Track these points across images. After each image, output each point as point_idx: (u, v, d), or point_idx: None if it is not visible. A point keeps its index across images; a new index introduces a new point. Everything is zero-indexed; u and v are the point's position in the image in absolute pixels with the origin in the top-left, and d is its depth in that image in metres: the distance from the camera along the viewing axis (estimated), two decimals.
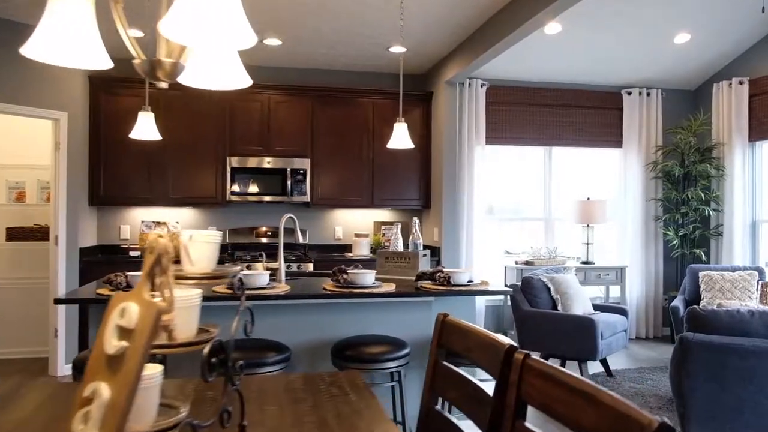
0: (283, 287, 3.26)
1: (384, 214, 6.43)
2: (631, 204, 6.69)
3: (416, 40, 5.32)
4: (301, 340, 3.28)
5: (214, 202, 5.73)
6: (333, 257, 5.88)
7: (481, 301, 6.36)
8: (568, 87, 6.63)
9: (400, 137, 3.54)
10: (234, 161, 5.69)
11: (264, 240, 6.06)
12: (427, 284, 3.45)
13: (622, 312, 5.19)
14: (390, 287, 3.32)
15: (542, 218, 6.78)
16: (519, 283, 5.15)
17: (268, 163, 5.76)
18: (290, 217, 3.86)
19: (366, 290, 3.18)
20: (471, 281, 3.50)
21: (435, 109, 6.06)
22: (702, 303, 5.52)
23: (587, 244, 6.49)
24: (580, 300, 5.02)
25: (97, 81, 5.49)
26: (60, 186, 5.07)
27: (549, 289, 5.03)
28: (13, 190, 5.65)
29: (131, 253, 5.55)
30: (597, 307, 5.28)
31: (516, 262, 6.31)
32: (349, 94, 5.98)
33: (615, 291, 6.80)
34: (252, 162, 5.73)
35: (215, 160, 5.72)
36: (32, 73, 4.81)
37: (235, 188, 5.67)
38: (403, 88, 6.40)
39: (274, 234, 6.06)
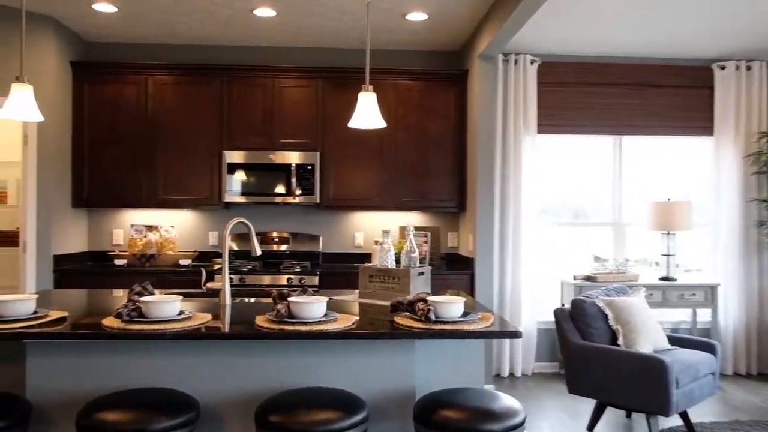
0: (199, 318, 2.37)
1: (413, 218, 5.43)
2: (725, 206, 5.32)
3: (438, 4, 4.30)
4: (218, 394, 2.37)
5: (208, 204, 4.96)
6: (353, 267, 4.96)
7: (531, 322, 5.22)
8: (641, 61, 5.35)
9: (365, 113, 2.50)
10: (232, 156, 4.89)
11: (274, 247, 5.22)
12: (404, 318, 2.45)
13: (710, 348, 3.92)
14: (347, 322, 2.35)
15: (610, 223, 5.54)
16: (568, 307, 4.00)
17: (271, 157, 4.92)
18: (241, 222, 2.98)
19: (305, 327, 2.23)
20: (468, 313, 2.46)
21: (470, 90, 4.99)
22: None
23: (667, 255, 5.19)
24: (650, 332, 3.80)
25: (80, 67, 4.86)
26: (29, 185, 4.46)
27: (606, 316, 3.86)
28: None
29: (116, 262, 4.87)
30: (675, 341, 4.04)
31: (575, 278, 5.13)
32: (364, 75, 5.02)
33: (704, 315, 5.44)
34: (252, 157, 4.90)
35: (210, 154, 4.94)
36: None
37: (233, 187, 4.88)
38: (432, 67, 5.37)
39: (283, 241, 5.21)
